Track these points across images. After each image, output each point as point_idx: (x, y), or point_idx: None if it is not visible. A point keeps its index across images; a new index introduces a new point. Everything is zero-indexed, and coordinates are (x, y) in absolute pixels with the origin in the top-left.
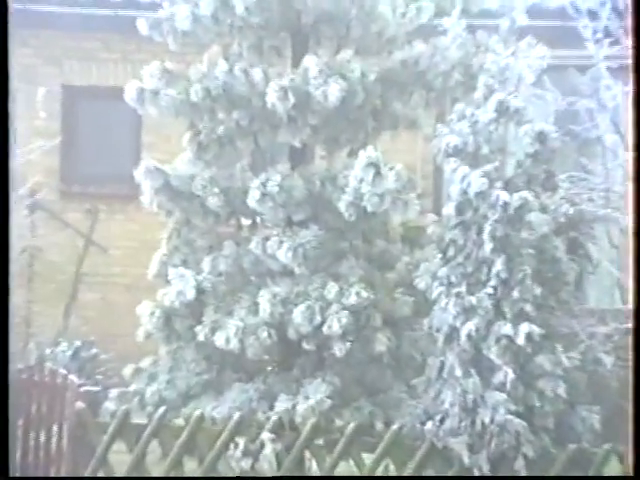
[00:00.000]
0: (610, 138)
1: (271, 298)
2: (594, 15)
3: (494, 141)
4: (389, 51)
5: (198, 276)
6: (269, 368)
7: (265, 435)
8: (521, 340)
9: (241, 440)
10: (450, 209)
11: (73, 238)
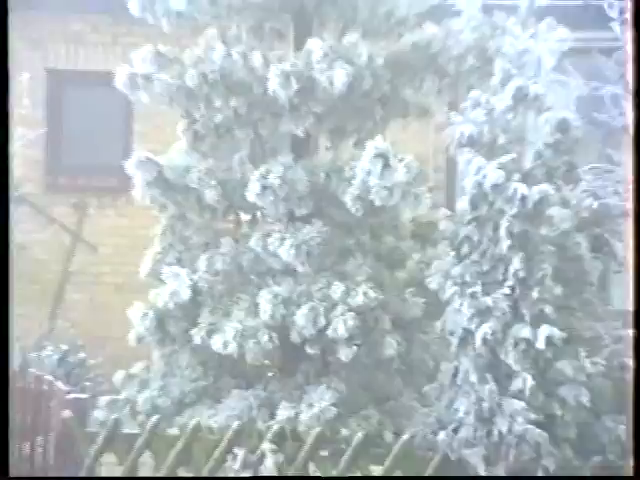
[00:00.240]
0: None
1: (272, 299)
2: None
3: (511, 130)
4: (399, 34)
5: (194, 275)
6: (270, 374)
7: (266, 446)
8: (541, 344)
9: (240, 451)
10: (464, 203)
11: (59, 235)
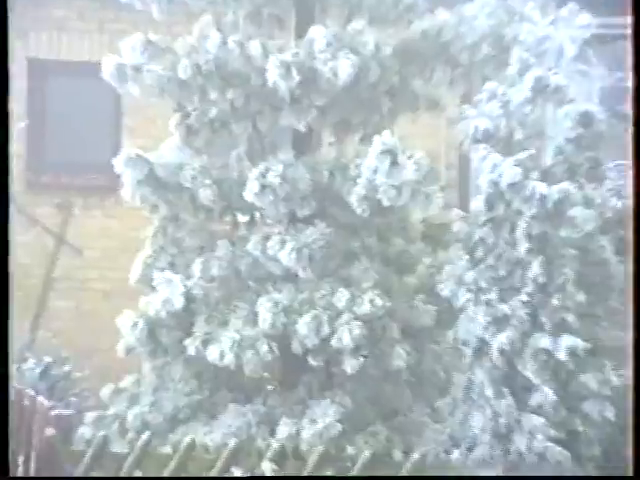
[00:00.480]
0: None
1: (272, 306)
2: None
3: (530, 124)
4: (408, 20)
5: (187, 281)
6: (270, 387)
7: (265, 465)
8: (562, 355)
9: (238, 471)
10: (479, 203)
11: (42, 237)
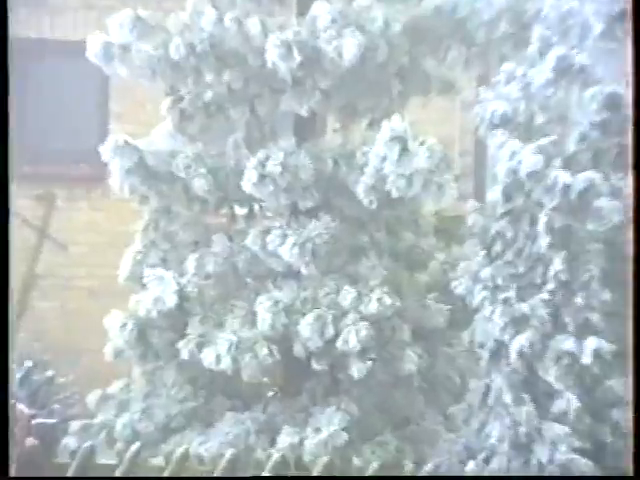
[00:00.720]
0: None
1: (272, 306)
2: None
3: (552, 108)
4: None
5: (181, 279)
6: (270, 393)
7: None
8: (587, 358)
9: None
10: (496, 194)
11: (23, 232)
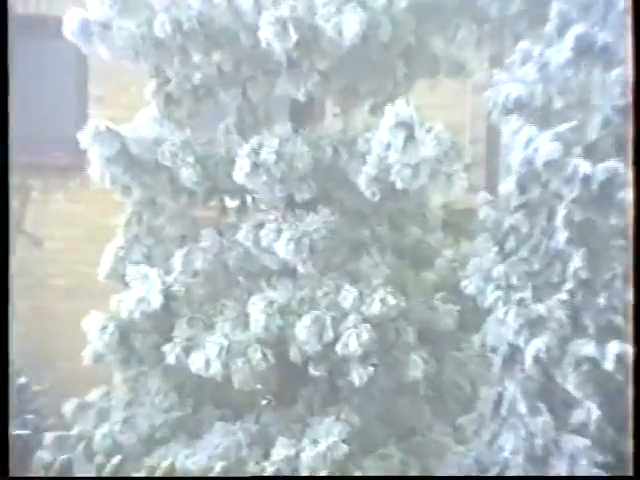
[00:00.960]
0: None
1: (266, 306)
2: None
3: (572, 91)
4: None
5: (167, 277)
6: (263, 402)
7: None
8: (609, 364)
9: None
10: (510, 185)
11: None
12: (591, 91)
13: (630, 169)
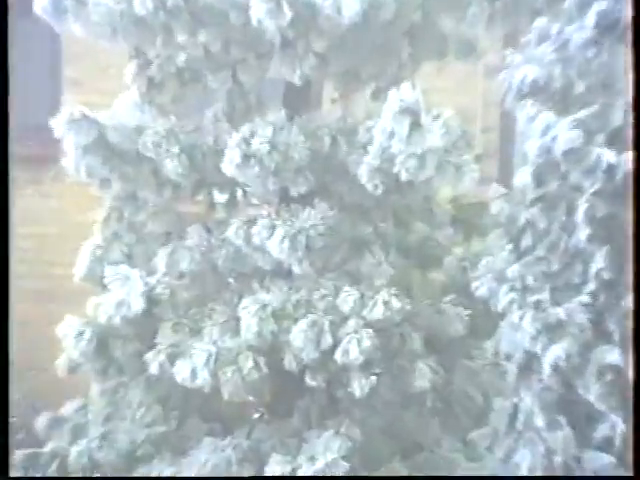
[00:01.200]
0: None
1: (258, 310)
2: None
3: (593, 73)
4: None
5: (149, 278)
6: (256, 415)
7: None
8: (635, 373)
9: None
10: (525, 177)
11: None
12: (615, 73)
13: None
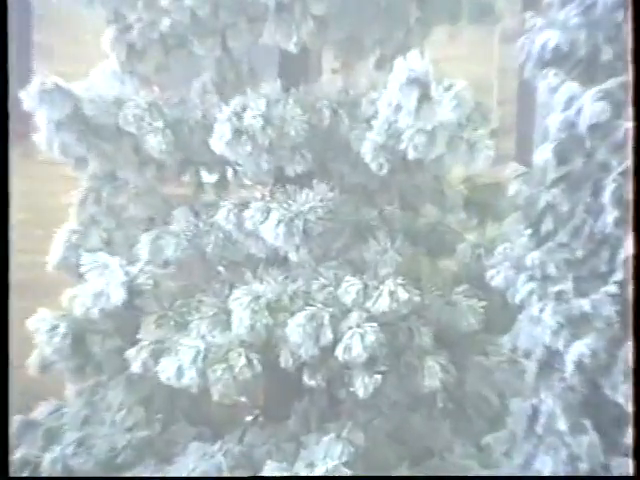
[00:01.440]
0: None
1: (251, 302)
2: None
3: (623, 39)
4: None
5: (130, 267)
6: (249, 418)
7: None
8: None
9: None
10: (546, 154)
11: None
12: None
13: None
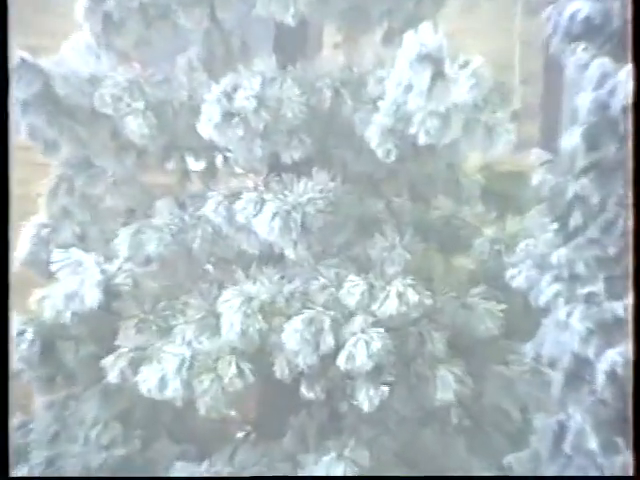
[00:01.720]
0: None
1: (243, 305)
2: None
3: None
4: None
5: (107, 265)
6: (240, 434)
7: None
8: None
9: None
10: (575, 139)
11: None
12: None
13: None
